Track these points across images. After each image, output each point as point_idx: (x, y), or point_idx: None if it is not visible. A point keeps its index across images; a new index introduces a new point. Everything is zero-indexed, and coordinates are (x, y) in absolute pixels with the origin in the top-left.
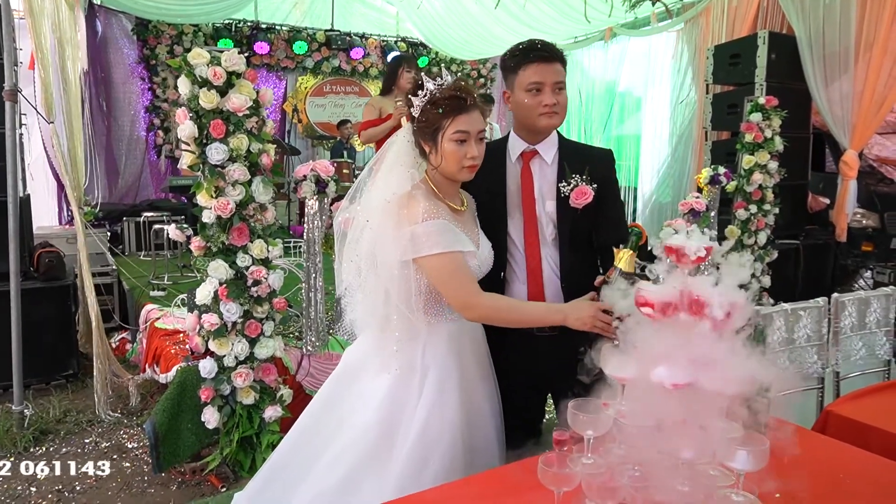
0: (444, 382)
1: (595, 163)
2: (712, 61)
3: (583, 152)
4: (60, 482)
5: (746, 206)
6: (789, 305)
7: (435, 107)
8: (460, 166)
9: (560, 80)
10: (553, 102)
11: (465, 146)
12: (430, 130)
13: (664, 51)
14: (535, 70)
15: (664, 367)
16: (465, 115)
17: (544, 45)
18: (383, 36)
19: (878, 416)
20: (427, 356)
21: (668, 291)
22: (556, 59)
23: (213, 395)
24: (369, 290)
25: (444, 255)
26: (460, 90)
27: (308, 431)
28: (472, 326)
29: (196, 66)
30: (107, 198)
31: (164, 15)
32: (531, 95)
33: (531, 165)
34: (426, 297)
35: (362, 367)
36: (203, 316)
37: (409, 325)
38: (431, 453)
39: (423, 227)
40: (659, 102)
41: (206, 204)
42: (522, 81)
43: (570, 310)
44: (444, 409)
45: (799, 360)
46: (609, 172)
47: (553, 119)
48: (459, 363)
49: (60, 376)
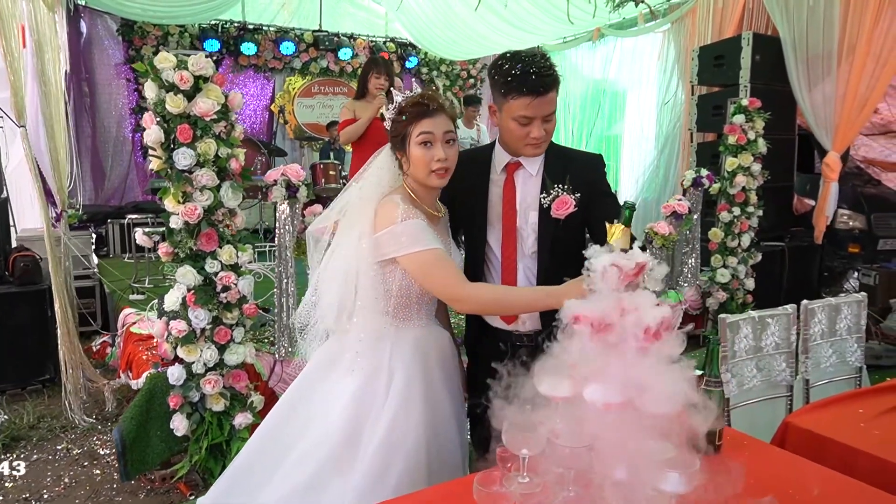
0: (409, 386)
1: (579, 168)
2: (697, 62)
3: (568, 159)
4: (28, 490)
5: (730, 208)
6: (756, 313)
7: (401, 115)
8: (428, 170)
9: (551, 111)
10: (541, 135)
11: (432, 149)
12: (399, 139)
13: (651, 51)
14: (526, 104)
15: (597, 386)
16: (428, 119)
17: (539, 73)
18: (372, 36)
19: (837, 428)
20: (394, 359)
21: (601, 308)
22: (551, 87)
23: (182, 402)
24: (337, 292)
25: (427, 252)
26: (424, 97)
27: (274, 432)
28: (439, 333)
29: (162, 70)
30: (93, 199)
31: (150, 16)
32: (518, 126)
33: (515, 177)
34: (396, 301)
35: (330, 368)
36: (171, 322)
37: (376, 328)
38: (395, 457)
39: (402, 226)
40: (646, 103)
41: (173, 209)
42: (511, 110)
43: (564, 292)
44: (410, 414)
45: (767, 369)
46: (596, 175)
47: (538, 149)
48: (425, 368)
49: (37, 381)
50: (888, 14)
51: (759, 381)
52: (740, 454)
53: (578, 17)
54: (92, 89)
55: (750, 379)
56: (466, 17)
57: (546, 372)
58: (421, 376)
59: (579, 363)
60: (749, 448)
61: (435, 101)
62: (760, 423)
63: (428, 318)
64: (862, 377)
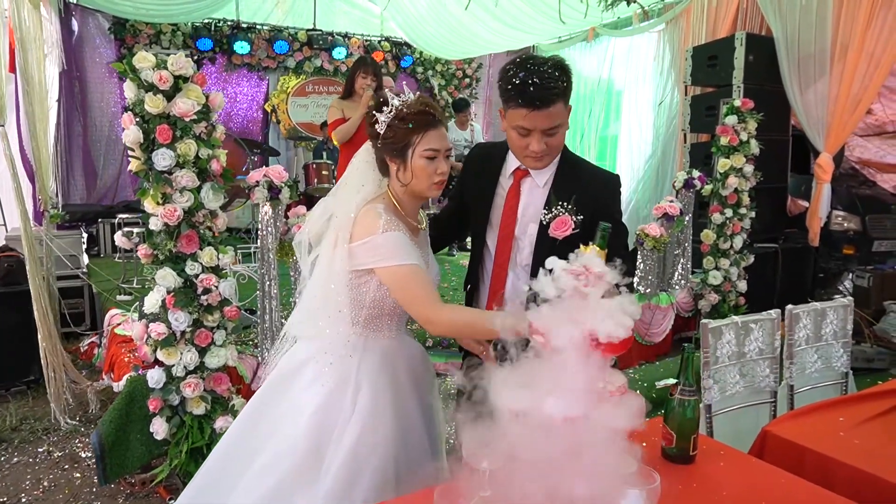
0: (377, 400)
1: (591, 188)
2: (691, 63)
3: (580, 175)
4: (6, 493)
5: (722, 210)
6: (739, 318)
7: (403, 122)
8: (430, 182)
9: (553, 125)
10: (540, 150)
11: (435, 163)
12: (398, 146)
13: (647, 51)
14: (522, 115)
15: (556, 400)
16: (434, 132)
17: (540, 84)
18: (367, 35)
19: (816, 438)
20: (361, 372)
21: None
22: (554, 100)
23: (162, 406)
24: (309, 300)
25: (405, 267)
26: (428, 105)
27: (239, 439)
28: (410, 344)
29: (141, 70)
30: (85, 199)
31: (142, 15)
32: (518, 136)
33: (521, 185)
34: (368, 312)
35: (296, 375)
36: (151, 325)
37: (345, 339)
38: (362, 472)
39: (382, 237)
40: (642, 104)
41: (152, 211)
42: (511, 119)
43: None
44: (377, 428)
45: (750, 375)
46: (607, 198)
47: (539, 162)
48: (394, 381)
49: (21, 382)
50: (881, 14)
51: (742, 388)
52: (715, 464)
53: (572, 16)
54: (83, 88)
55: (733, 385)
56: (461, 16)
57: (504, 384)
58: (390, 389)
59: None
60: (725, 458)
61: (438, 111)
62: (744, 430)
63: (399, 329)
64: (848, 383)
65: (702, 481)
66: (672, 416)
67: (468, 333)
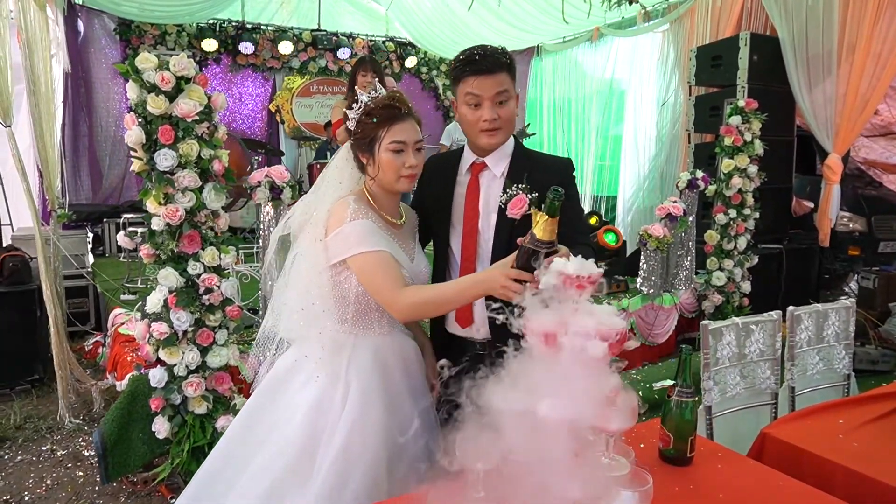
0: (367, 397)
1: (544, 170)
2: (695, 63)
3: (534, 161)
4: (9, 492)
5: (726, 210)
6: (740, 319)
7: (369, 117)
8: (398, 176)
9: (501, 90)
10: (493, 117)
11: (403, 156)
12: (366, 142)
13: (651, 51)
14: (472, 83)
15: (550, 401)
16: (399, 125)
17: (485, 55)
18: (371, 36)
19: (815, 440)
20: (351, 370)
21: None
22: (499, 69)
23: (164, 405)
24: (294, 300)
25: (370, 254)
26: (394, 100)
27: (235, 442)
28: (403, 341)
29: (144, 71)
30: (90, 199)
31: (147, 16)
32: (470, 110)
33: (480, 178)
34: (355, 308)
35: (289, 377)
36: (153, 324)
37: (334, 337)
38: (353, 471)
39: (350, 226)
40: (646, 104)
41: (154, 211)
42: (461, 93)
43: (488, 276)
44: (367, 426)
45: (751, 376)
46: (562, 179)
47: (494, 137)
48: (385, 378)
49: (25, 381)
50: (888, 13)
51: (742, 389)
52: (713, 466)
53: (576, 16)
54: (89, 89)
55: (733, 387)
56: (465, 16)
57: (499, 384)
58: (380, 387)
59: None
60: (723, 460)
61: (405, 104)
62: (744, 432)
63: (391, 325)
64: (850, 384)
65: (698, 483)
66: (669, 418)
67: (433, 311)
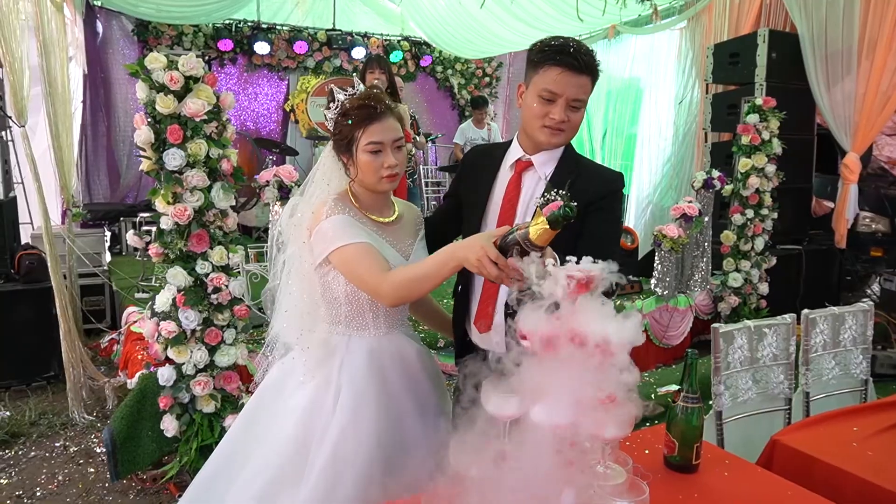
0: (358, 400)
1: (590, 180)
2: (712, 60)
3: (582, 168)
4: (22, 487)
5: (743, 210)
6: (752, 323)
7: (345, 118)
8: (378, 177)
9: (580, 97)
10: (563, 119)
11: (381, 156)
12: (344, 143)
13: (669, 49)
14: (555, 77)
15: (544, 406)
16: (376, 125)
17: (578, 49)
18: (386, 35)
19: (827, 448)
20: (343, 373)
21: (547, 323)
22: (586, 71)
23: (172, 403)
24: (286, 304)
25: (349, 247)
26: (369, 98)
27: (234, 443)
28: (402, 342)
29: (153, 71)
30: (108, 198)
31: (164, 16)
32: (541, 103)
33: (523, 177)
34: (347, 308)
35: (285, 380)
36: (161, 323)
37: (326, 339)
38: (343, 475)
39: (327, 223)
40: (664, 102)
41: (163, 210)
42: (538, 84)
43: (466, 245)
44: (359, 430)
45: (764, 381)
46: (606, 191)
47: (555, 137)
48: (381, 381)
49: (41, 378)
50: None
51: (754, 394)
52: (719, 473)
53: (592, 14)
54: (108, 89)
55: (745, 391)
56: (479, 15)
57: (494, 390)
58: (375, 390)
59: (527, 381)
60: (730, 467)
61: (381, 102)
62: (756, 438)
63: (388, 326)
64: (868, 390)
65: (703, 491)
66: (674, 424)
67: (417, 288)
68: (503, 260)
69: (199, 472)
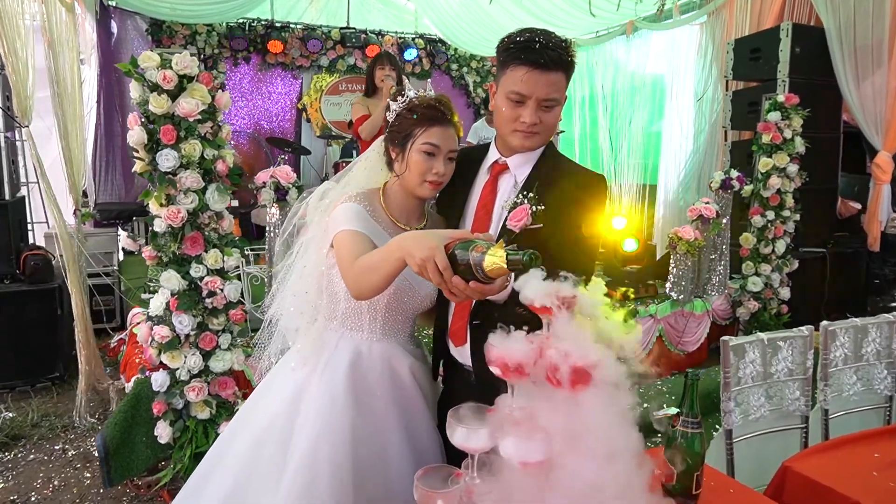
0: (333, 401)
1: (567, 184)
2: (732, 56)
3: (561, 172)
4: (17, 492)
5: (763, 212)
6: (766, 335)
7: (410, 112)
8: (422, 179)
9: (553, 96)
10: (534, 122)
11: (433, 160)
12: (400, 136)
13: (688, 46)
14: (522, 77)
15: (514, 440)
16: (438, 128)
17: (545, 44)
18: (401, 33)
19: (843, 476)
20: (326, 371)
21: (520, 348)
22: (556, 67)
23: (166, 409)
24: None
25: (346, 232)
26: (440, 103)
27: (225, 442)
28: (394, 353)
29: (146, 70)
30: (122, 197)
31: (178, 15)
32: (510, 106)
33: (499, 181)
34: (345, 305)
35: (278, 370)
36: (154, 328)
37: (321, 333)
38: (318, 477)
39: (340, 207)
40: (684, 100)
41: (156, 212)
42: (505, 85)
43: (408, 244)
44: (334, 438)
45: (778, 397)
46: (584, 197)
47: (529, 140)
48: (361, 388)
49: (45, 379)
50: None
51: (767, 411)
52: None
53: (607, 9)
54: (122, 89)
55: (757, 409)
56: (494, 12)
57: (458, 422)
58: (352, 397)
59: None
60: (735, 497)
61: (449, 110)
62: (769, 458)
63: (384, 332)
64: (893, 407)
65: None
66: (673, 450)
67: (369, 277)
68: (449, 273)
69: (192, 475)
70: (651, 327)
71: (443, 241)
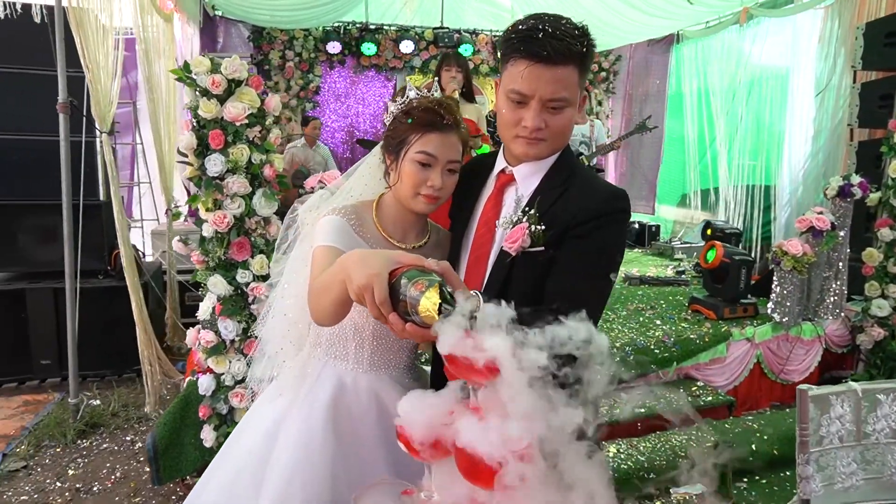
0: (312, 434)
1: (575, 200)
2: (862, 42)
3: (571, 186)
4: (83, 479)
5: (893, 224)
6: (860, 386)
7: (405, 116)
8: (415, 192)
9: (560, 95)
10: (537, 126)
11: (428, 171)
12: (395, 142)
13: (810, 33)
14: (522, 73)
15: None
16: (436, 135)
17: (551, 33)
18: (496, 31)
19: None
20: (303, 403)
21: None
22: (564, 60)
23: (211, 414)
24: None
25: (322, 248)
26: (440, 105)
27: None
28: (383, 386)
29: (197, 75)
30: None
31: (277, 21)
32: (511, 107)
33: (504, 194)
34: (329, 332)
35: (258, 407)
36: (201, 332)
37: (304, 360)
38: None
39: (321, 221)
40: (803, 94)
41: (204, 217)
42: (505, 83)
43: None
44: (310, 465)
45: (878, 462)
46: (592, 215)
47: (533, 148)
48: (345, 424)
49: (131, 370)
50: None
51: (861, 480)
52: None
53: None
54: None
55: (847, 476)
56: (592, 6)
57: None
58: (332, 434)
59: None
60: None
61: (451, 114)
62: None
63: (373, 364)
64: None
65: None
66: None
67: (316, 303)
68: (388, 308)
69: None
70: (747, 352)
71: (388, 266)
